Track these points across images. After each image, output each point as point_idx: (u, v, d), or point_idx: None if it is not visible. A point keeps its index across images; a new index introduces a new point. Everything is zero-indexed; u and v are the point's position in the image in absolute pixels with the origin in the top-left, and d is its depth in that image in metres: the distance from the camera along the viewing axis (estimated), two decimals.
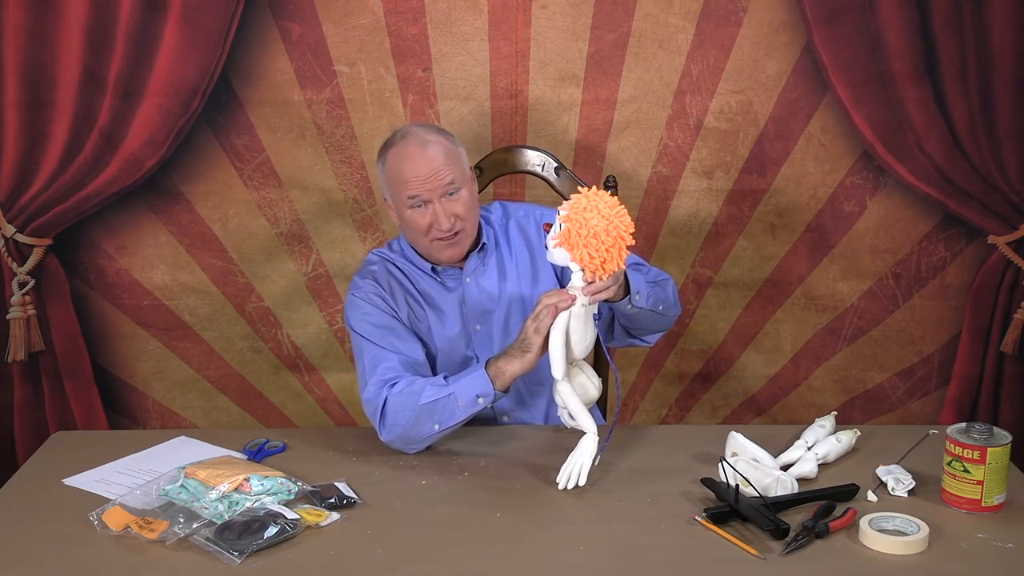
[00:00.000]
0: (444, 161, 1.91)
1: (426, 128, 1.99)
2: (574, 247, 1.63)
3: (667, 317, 1.97)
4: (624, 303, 1.80)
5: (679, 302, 2.03)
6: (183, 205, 2.65)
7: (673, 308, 1.99)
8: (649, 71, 2.58)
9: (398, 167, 1.93)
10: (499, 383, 1.76)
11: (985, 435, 1.60)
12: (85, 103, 2.56)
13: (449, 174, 1.90)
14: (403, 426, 1.81)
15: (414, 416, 1.79)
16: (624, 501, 1.65)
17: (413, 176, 1.90)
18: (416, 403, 1.79)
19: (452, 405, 1.77)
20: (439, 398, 1.78)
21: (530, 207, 2.16)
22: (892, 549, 1.49)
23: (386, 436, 1.84)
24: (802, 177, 2.65)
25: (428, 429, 1.80)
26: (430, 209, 1.91)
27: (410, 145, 1.93)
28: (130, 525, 1.53)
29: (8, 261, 2.66)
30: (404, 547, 1.52)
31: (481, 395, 1.76)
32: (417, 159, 1.91)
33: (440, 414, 1.78)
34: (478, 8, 2.54)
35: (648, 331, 2.02)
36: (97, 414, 2.78)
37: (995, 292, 2.72)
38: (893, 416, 2.79)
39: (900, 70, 2.56)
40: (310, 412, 2.82)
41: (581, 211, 1.62)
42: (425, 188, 1.90)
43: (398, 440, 1.83)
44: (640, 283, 1.84)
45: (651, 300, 1.86)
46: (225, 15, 2.52)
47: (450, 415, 1.78)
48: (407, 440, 1.83)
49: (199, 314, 2.72)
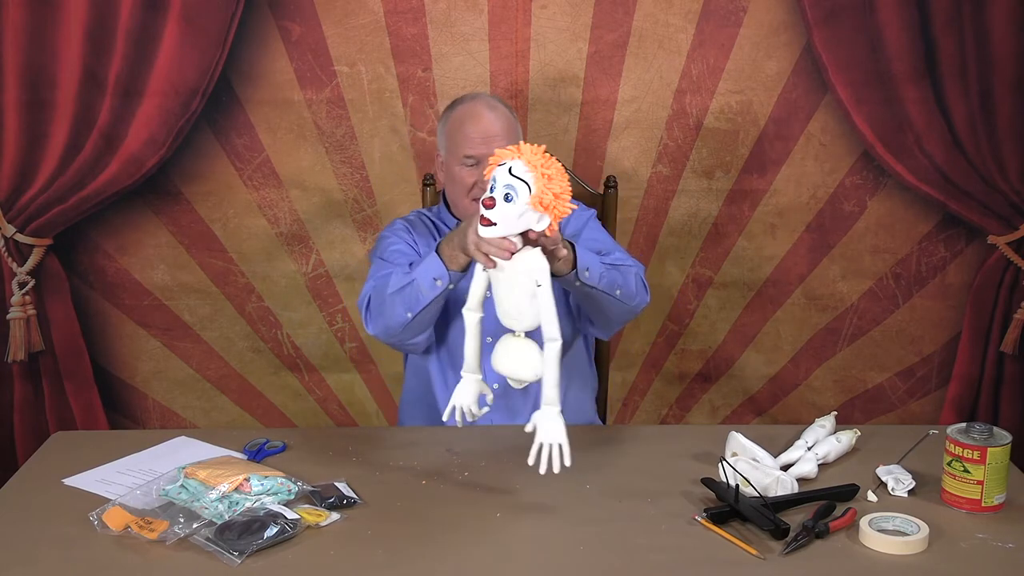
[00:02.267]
0: (504, 129, 2.01)
1: (495, 98, 2.11)
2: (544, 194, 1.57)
3: (627, 305, 1.91)
4: (571, 278, 1.78)
5: (647, 291, 1.96)
6: (183, 205, 2.65)
7: (636, 297, 1.92)
8: (649, 71, 2.58)
9: (461, 122, 2.03)
10: (453, 265, 1.79)
11: (985, 435, 1.60)
12: (85, 103, 2.56)
13: (505, 143, 1.94)
14: (382, 316, 1.90)
15: (388, 306, 1.88)
16: (624, 501, 1.65)
17: (474, 133, 2.00)
18: (386, 293, 1.88)
19: (416, 290, 1.83)
20: (404, 285, 1.85)
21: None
22: (892, 549, 1.49)
23: (370, 329, 1.94)
24: (802, 177, 2.65)
25: (401, 317, 1.87)
26: (478, 170, 1.99)
27: (479, 105, 2.04)
28: (130, 525, 1.53)
29: (8, 261, 2.66)
30: (404, 547, 1.52)
31: (438, 277, 1.80)
32: (481, 119, 2.02)
33: (407, 300, 1.85)
34: (478, 8, 2.54)
35: (608, 318, 1.98)
36: (97, 414, 2.78)
37: (995, 292, 2.72)
38: (893, 416, 2.79)
39: (900, 70, 2.56)
40: (310, 412, 2.82)
41: (540, 163, 1.58)
42: (481, 149, 1.98)
43: (382, 333, 1.93)
44: (591, 261, 1.81)
45: (604, 281, 1.82)
46: (225, 15, 2.52)
47: (416, 300, 1.84)
48: (388, 330, 1.91)
49: (199, 314, 2.72)
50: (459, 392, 1.72)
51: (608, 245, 2.01)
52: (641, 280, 1.95)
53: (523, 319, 1.62)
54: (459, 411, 1.71)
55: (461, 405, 1.71)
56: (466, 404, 1.72)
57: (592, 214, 2.12)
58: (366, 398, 2.81)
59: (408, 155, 2.63)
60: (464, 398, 1.72)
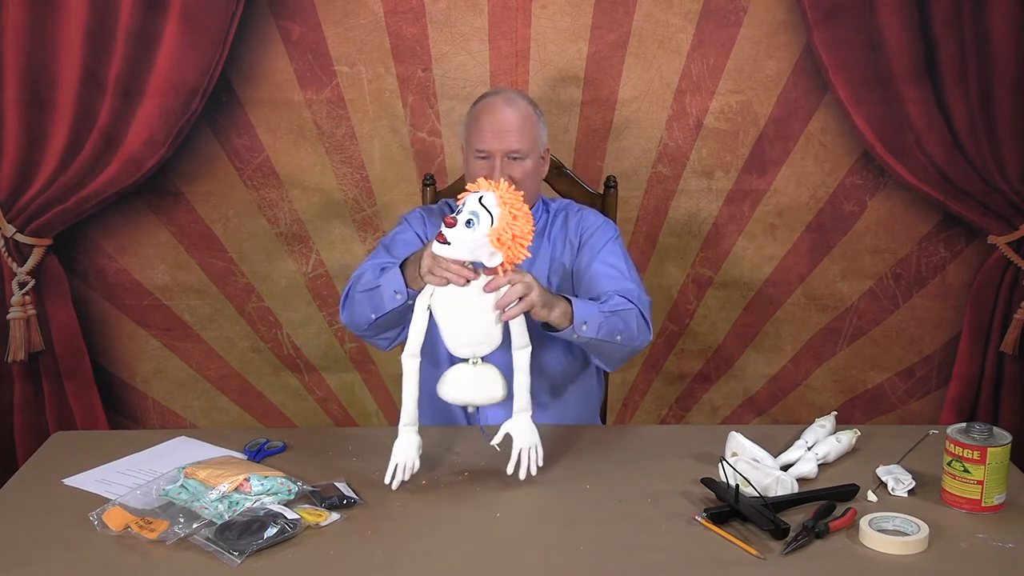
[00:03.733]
0: (518, 125, 1.99)
1: (518, 94, 2.09)
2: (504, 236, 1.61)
3: (628, 347, 1.90)
4: (568, 332, 1.77)
5: (650, 328, 1.93)
6: (183, 205, 2.65)
7: (638, 339, 1.90)
8: (649, 71, 2.58)
9: (479, 115, 2.03)
10: (413, 284, 1.80)
11: (985, 435, 1.60)
12: (85, 103, 2.56)
13: (518, 139, 1.98)
14: (352, 310, 1.93)
15: (357, 302, 1.91)
16: (624, 501, 1.65)
17: (488, 127, 1.99)
18: (356, 290, 1.91)
19: (380, 297, 1.85)
20: (371, 288, 1.86)
21: (589, 213, 2.15)
22: (892, 549, 1.49)
23: (343, 317, 1.97)
24: (802, 177, 2.65)
25: (366, 316, 1.89)
26: (490, 163, 1.98)
27: (498, 100, 2.03)
28: (130, 525, 1.53)
29: (8, 261, 2.67)
30: (404, 547, 1.52)
31: (398, 291, 1.82)
32: (496, 113, 2.00)
33: (372, 303, 1.87)
34: (478, 8, 2.54)
35: (609, 359, 1.96)
36: (97, 414, 2.78)
37: (995, 292, 2.72)
38: (893, 416, 2.79)
39: (900, 70, 2.56)
40: (310, 412, 2.82)
41: (511, 205, 1.62)
42: (491, 143, 1.98)
43: (350, 324, 1.96)
44: (590, 313, 1.79)
45: (603, 331, 1.80)
46: (225, 15, 2.52)
47: (379, 306, 1.85)
48: (355, 325, 1.95)
49: (199, 314, 2.72)
50: (400, 450, 1.68)
51: (622, 272, 1.97)
52: (643, 319, 1.91)
53: (491, 342, 1.67)
54: (400, 470, 1.67)
55: (404, 464, 1.67)
56: (409, 461, 1.67)
57: (616, 234, 2.08)
58: (366, 398, 2.81)
59: (408, 155, 2.63)
60: (406, 455, 1.67)
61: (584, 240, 2.06)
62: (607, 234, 2.06)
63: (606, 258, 2.00)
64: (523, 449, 1.70)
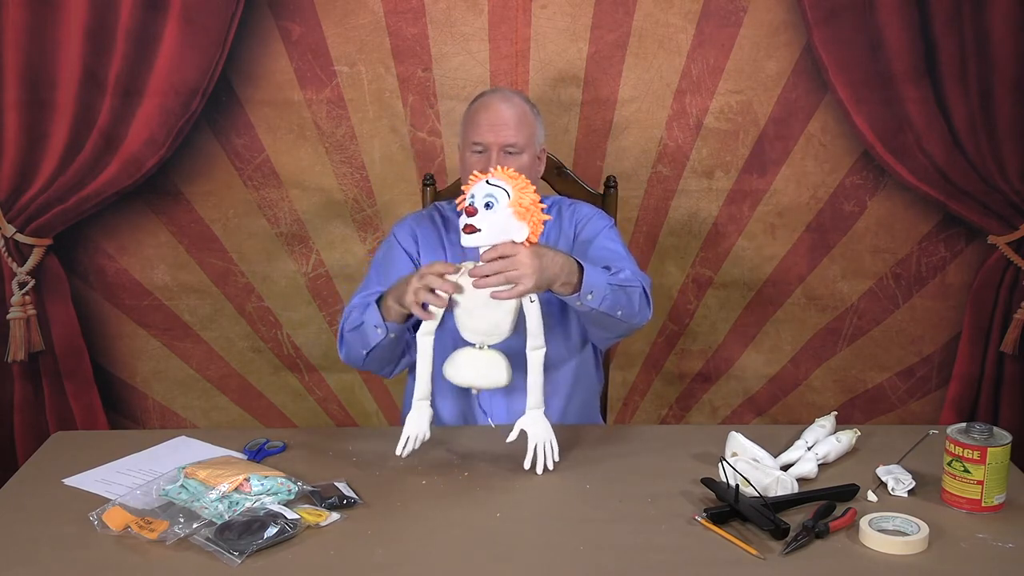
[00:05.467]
0: (514, 120, 2.01)
1: (516, 92, 2.12)
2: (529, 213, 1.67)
3: (626, 323, 1.88)
4: (573, 299, 1.78)
5: (650, 306, 1.92)
6: (183, 205, 2.65)
7: (637, 316, 1.89)
8: (649, 71, 2.59)
9: (474, 110, 2.06)
10: (388, 316, 1.84)
11: (985, 435, 1.60)
12: (85, 103, 2.56)
13: (514, 132, 2.00)
14: (347, 347, 1.98)
15: (348, 341, 1.96)
16: (624, 501, 1.65)
17: (484, 121, 2.01)
18: (346, 329, 1.96)
19: (364, 333, 1.90)
20: (357, 326, 1.92)
21: (583, 205, 2.16)
22: (892, 549, 1.49)
23: (340, 355, 2.01)
24: (802, 177, 2.65)
25: (358, 353, 1.95)
26: (486, 157, 2.00)
27: (494, 97, 2.06)
28: (130, 525, 1.53)
29: (8, 261, 2.67)
30: (404, 547, 1.52)
31: (377, 325, 1.87)
32: (492, 108, 2.03)
33: (362, 339, 1.91)
34: (478, 8, 2.54)
35: (605, 334, 1.97)
36: (97, 414, 2.78)
37: (995, 292, 2.72)
38: (893, 416, 2.79)
39: (900, 70, 2.56)
40: (310, 412, 2.82)
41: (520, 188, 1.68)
42: (487, 136, 2.00)
43: (348, 361, 2.00)
44: (597, 282, 1.78)
45: (607, 303, 1.79)
46: (225, 15, 2.52)
47: (366, 341, 1.90)
48: (352, 361, 1.99)
49: (199, 314, 2.72)
50: (412, 422, 1.76)
51: (620, 257, 1.98)
52: (645, 296, 1.90)
53: (500, 334, 1.72)
54: (412, 440, 1.74)
55: (416, 435, 1.75)
56: (420, 432, 1.75)
57: (610, 223, 2.10)
58: (366, 398, 2.82)
59: (408, 155, 2.63)
60: (418, 427, 1.75)
61: (580, 229, 2.07)
62: (603, 222, 2.09)
63: (603, 243, 2.02)
64: (539, 444, 1.73)
